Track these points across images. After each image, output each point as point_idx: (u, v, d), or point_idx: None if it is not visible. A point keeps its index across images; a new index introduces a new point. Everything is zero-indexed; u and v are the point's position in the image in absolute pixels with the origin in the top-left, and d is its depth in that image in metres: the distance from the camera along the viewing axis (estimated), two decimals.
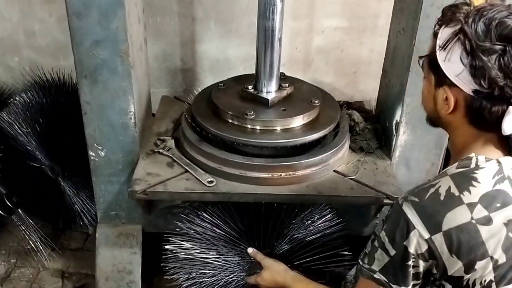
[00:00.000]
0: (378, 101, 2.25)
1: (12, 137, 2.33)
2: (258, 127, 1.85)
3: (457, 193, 1.12)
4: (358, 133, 2.09)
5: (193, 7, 2.62)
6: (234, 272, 1.82)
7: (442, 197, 1.13)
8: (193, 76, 2.82)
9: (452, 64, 1.13)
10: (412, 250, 1.14)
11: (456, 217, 1.11)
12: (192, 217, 1.87)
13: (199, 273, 1.82)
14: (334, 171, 1.91)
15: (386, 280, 1.19)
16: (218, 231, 1.84)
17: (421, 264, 1.15)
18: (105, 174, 1.95)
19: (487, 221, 1.11)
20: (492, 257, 1.11)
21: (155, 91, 2.47)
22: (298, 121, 1.89)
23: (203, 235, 1.85)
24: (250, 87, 1.96)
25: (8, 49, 2.77)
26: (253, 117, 1.84)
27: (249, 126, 1.85)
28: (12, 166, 2.33)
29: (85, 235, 2.51)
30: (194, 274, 1.82)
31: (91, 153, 1.90)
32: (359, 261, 1.28)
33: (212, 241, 1.84)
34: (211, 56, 2.75)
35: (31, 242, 2.30)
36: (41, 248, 2.30)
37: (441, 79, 1.17)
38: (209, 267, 1.82)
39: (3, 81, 2.80)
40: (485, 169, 1.14)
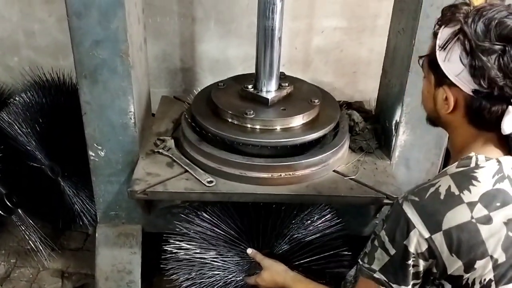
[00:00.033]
0: (378, 101, 2.25)
1: (12, 137, 2.33)
2: (258, 127, 1.85)
3: (457, 192, 1.13)
4: (357, 133, 2.09)
5: (193, 7, 2.62)
6: (234, 272, 1.82)
7: (442, 196, 1.13)
8: (193, 76, 2.82)
9: (452, 64, 1.13)
10: (412, 250, 1.14)
11: (456, 216, 1.11)
12: (192, 217, 1.87)
13: (198, 273, 1.82)
14: (334, 171, 1.91)
15: (386, 280, 1.20)
16: (217, 231, 1.84)
17: (421, 263, 1.15)
18: (105, 174, 1.95)
19: (487, 220, 1.11)
20: (492, 256, 1.11)
21: (155, 91, 2.47)
22: (298, 120, 1.89)
23: (203, 235, 1.84)
24: (250, 86, 1.96)
25: (8, 49, 2.77)
26: (252, 116, 1.84)
27: (248, 125, 1.85)
28: (12, 166, 2.33)
29: (85, 235, 2.51)
30: (194, 274, 1.82)
31: (91, 153, 1.90)
32: (359, 260, 1.28)
33: (211, 241, 1.84)
34: (210, 56, 2.75)
35: (31, 242, 2.30)
36: (41, 248, 2.30)
37: (441, 79, 1.17)
38: (209, 267, 1.82)
39: (2, 81, 2.79)
40: (485, 169, 1.14)
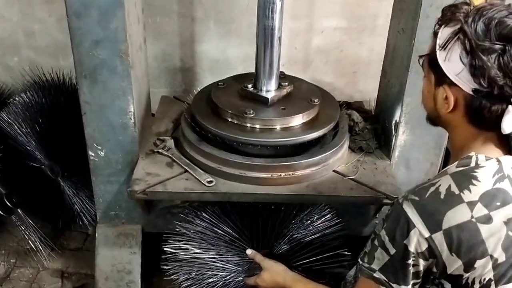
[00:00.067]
0: (378, 101, 2.25)
1: (12, 137, 2.33)
2: (257, 126, 1.85)
3: (457, 192, 1.13)
4: (357, 133, 2.09)
5: (193, 7, 2.62)
6: (234, 272, 1.82)
7: (442, 196, 1.13)
8: (193, 76, 2.82)
9: (452, 63, 1.13)
10: (412, 249, 1.14)
11: (456, 216, 1.11)
12: (192, 217, 1.87)
13: (198, 273, 1.82)
14: (334, 171, 1.91)
15: (386, 279, 1.19)
16: (217, 231, 1.84)
17: (421, 263, 1.15)
18: (104, 174, 1.95)
19: (487, 219, 1.11)
20: (491, 256, 1.11)
21: (155, 91, 2.47)
22: (298, 120, 1.88)
23: (203, 235, 1.84)
24: (249, 86, 1.96)
25: (8, 49, 2.76)
26: (252, 116, 1.83)
27: (248, 125, 1.85)
28: (11, 166, 2.33)
29: (85, 235, 2.51)
30: (194, 274, 1.82)
31: (90, 153, 1.90)
32: (359, 260, 1.28)
33: (211, 241, 1.84)
34: (210, 56, 2.75)
35: (30, 242, 2.29)
36: (40, 248, 2.30)
37: (441, 78, 1.17)
38: (209, 267, 1.81)
39: (2, 81, 2.79)
40: (485, 168, 1.14)
